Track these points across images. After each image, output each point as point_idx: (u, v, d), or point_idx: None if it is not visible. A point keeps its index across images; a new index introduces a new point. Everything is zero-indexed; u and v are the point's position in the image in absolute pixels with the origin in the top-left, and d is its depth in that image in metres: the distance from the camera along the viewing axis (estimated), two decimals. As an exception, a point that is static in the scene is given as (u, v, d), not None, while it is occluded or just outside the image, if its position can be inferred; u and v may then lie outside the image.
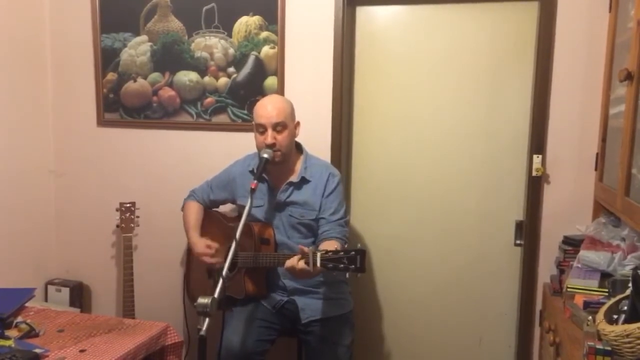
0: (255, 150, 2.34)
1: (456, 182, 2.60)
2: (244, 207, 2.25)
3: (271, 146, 2.14)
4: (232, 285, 2.23)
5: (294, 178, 2.24)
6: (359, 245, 1.90)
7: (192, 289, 2.50)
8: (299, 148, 2.32)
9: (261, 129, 2.16)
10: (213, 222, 2.43)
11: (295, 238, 2.22)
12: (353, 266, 1.83)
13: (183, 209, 2.48)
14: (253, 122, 2.22)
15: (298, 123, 2.26)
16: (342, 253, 1.86)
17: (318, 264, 1.84)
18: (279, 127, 2.15)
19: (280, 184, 2.25)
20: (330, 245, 2.04)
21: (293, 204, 2.23)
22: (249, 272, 2.21)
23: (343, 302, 2.29)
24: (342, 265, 1.84)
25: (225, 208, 2.52)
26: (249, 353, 2.13)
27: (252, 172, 2.30)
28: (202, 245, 2.30)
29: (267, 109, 2.16)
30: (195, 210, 2.43)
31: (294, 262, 1.91)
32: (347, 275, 1.87)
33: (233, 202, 2.42)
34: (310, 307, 2.21)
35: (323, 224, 2.19)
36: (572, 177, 2.38)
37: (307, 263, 1.86)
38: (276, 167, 2.20)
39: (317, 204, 2.21)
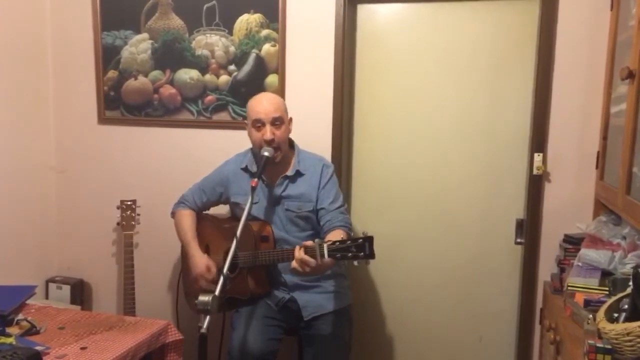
0: (244, 148, 2.34)
1: (457, 180, 2.60)
2: (238, 204, 2.27)
3: (270, 142, 2.13)
4: (235, 286, 2.22)
5: (289, 172, 2.24)
6: (365, 232, 1.84)
7: (189, 291, 2.46)
8: (290, 143, 2.32)
9: (258, 124, 2.15)
10: (207, 225, 2.42)
11: (294, 232, 2.22)
12: (362, 253, 1.78)
13: (174, 217, 2.43)
14: (247, 120, 2.22)
15: (291, 119, 2.27)
16: (349, 242, 1.81)
17: (326, 255, 1.80)
18: (277, 121, 2.15)
19: (275, 179, 2.25)
20: (336, 235, 2.01)
21: (289, 198, 2.23)
22: (250, 271, 2.21)
23: (343, 295, 2.29)
24: (350, 254, 1.79)
25: (217, 210, 2.51)
26: (264, 352, 2.11)
27: (244, 169, 2.31)
28: (203, 266, 2.23)
29: (263, 104, 2.17)
30: (189, 220, 2.37)
31: (301, 255, 1.84)
32: (356, 263, 1.80)
33: (225, 201, 2.40)
34: (311, 304, 2.21)
35: (324, 214, 2.19)
36: (573, 176, 2.38)
37: (314, 256, 1.82)
38: (274, 164, 2.20)
39: (314, 196, 2.21)
